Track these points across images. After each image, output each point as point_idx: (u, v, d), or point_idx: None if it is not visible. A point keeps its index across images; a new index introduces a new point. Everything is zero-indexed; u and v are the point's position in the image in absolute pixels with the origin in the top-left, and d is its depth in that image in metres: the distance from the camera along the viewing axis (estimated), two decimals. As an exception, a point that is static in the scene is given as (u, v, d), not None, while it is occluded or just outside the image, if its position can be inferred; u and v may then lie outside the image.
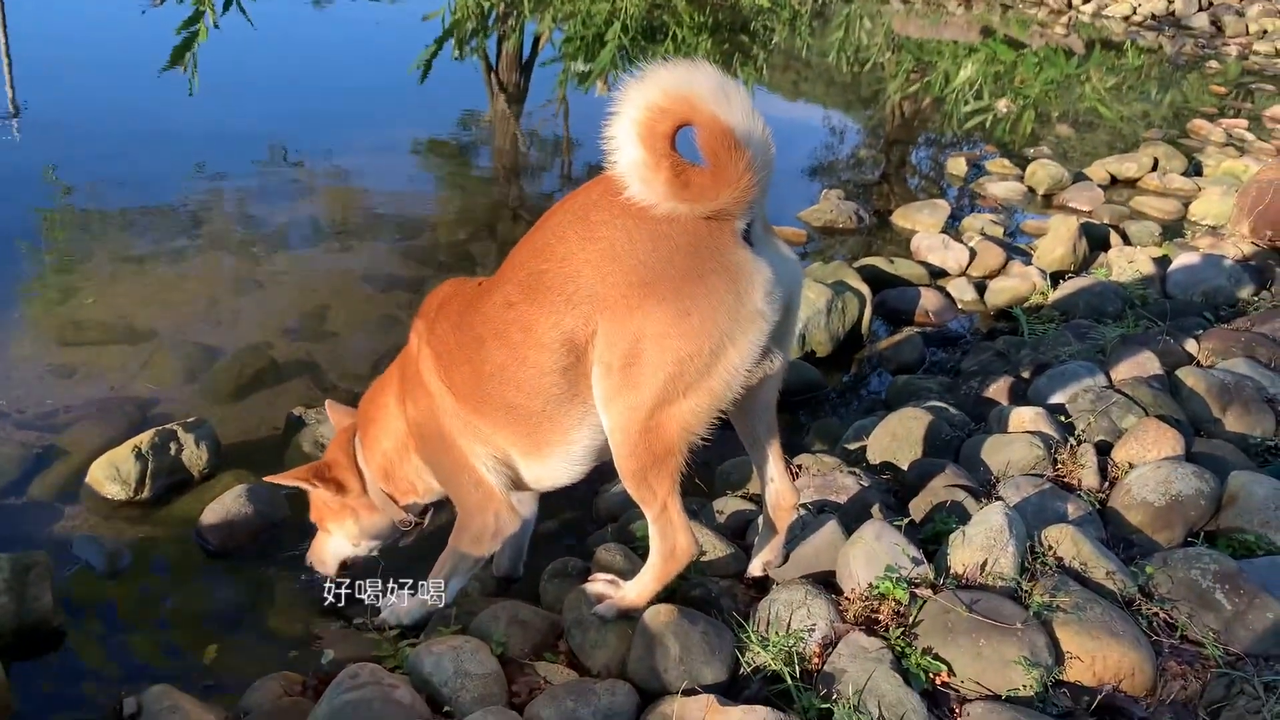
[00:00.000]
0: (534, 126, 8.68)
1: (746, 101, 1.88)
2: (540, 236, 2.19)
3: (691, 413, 2.07)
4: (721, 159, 1.88)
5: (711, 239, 1.99)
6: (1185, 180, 7.53)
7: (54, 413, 3.59)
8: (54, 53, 8.60)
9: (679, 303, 1.99)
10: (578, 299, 2.09)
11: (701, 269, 1.98)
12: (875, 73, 12.16)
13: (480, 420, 2.40)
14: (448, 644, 2.26)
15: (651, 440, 2.10)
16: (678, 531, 2.22)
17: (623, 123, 1.90)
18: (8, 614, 2.53)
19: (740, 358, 2.04)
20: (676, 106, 1.85)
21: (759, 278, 2.01)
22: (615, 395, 2.10)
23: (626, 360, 2.05)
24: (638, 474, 2.15)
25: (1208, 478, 2.77)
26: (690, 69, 1.86)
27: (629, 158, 1.92)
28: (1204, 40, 15.91)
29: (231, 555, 3.01)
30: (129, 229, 5.24)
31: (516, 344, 2.20)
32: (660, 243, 2.00)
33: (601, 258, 2.05)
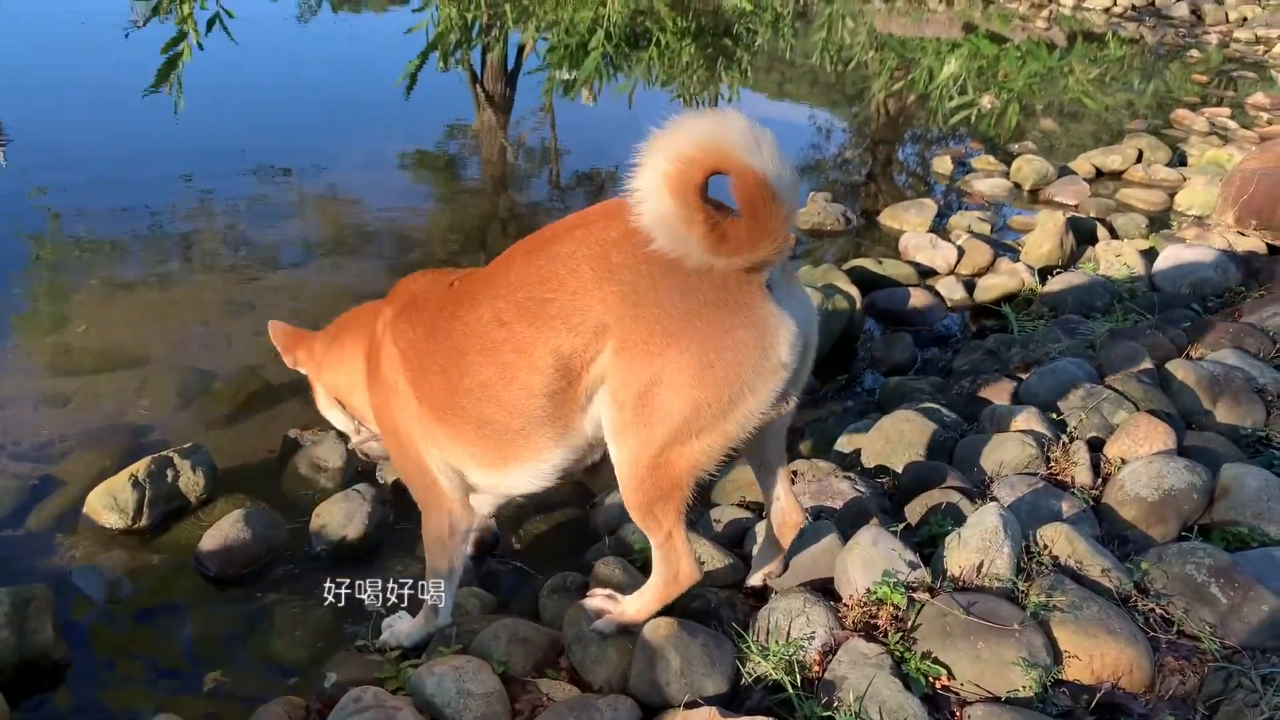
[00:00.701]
0: (521, 136, 8.70)
1: (776, 148, 1.83)
2: (547, 263, 2.12)
3: (703, 452, 2.08)
4: (760, 211, 1.82)
5: (739, 293, 1.95)
6: (1170, 171, 7.57)
7: (50, 443, 3.59)
8: (38, 76, 8.59)
9: (703, 355, 1.96)
10: (583, 329, 2.06)
11: (729, 323, 1.96)
12: (859, 71, 12.19)
13: (443, 430, 2.39)
14: (449, 664, 2.27)
15: (659, 476, 2.09)
16: (681, 558, 2.23)
17: (651, 174, 1.82)
18: (9, 648, 2.54)
19: (758, 404, 2.04)
20: (708, 157, 1.79)
21: (785, 332, 1.99)
22: (626, 430, 2.09)
23: (640, 400, 2.03)
24: (644, 506, 2.15)
25: (1200, 471, 2.79)
26: (721, 118, 1.80)
27: (658, 211, 1.84)
28: (1185, 29, 15.99)
29: (231, 580, 3.01)
30: (118, 253, 5.24)
31: (507, 364, 2.17)
32: (688, 296, 1.95)
33: (621, 301, 2.01)
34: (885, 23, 15.51)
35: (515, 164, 7.93)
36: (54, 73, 8.74)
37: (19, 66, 8.82)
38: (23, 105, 7.66)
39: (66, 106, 7.73)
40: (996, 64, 12.69)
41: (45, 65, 9.00)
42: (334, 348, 2.80)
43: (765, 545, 2.57)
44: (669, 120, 1.81)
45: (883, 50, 13.31)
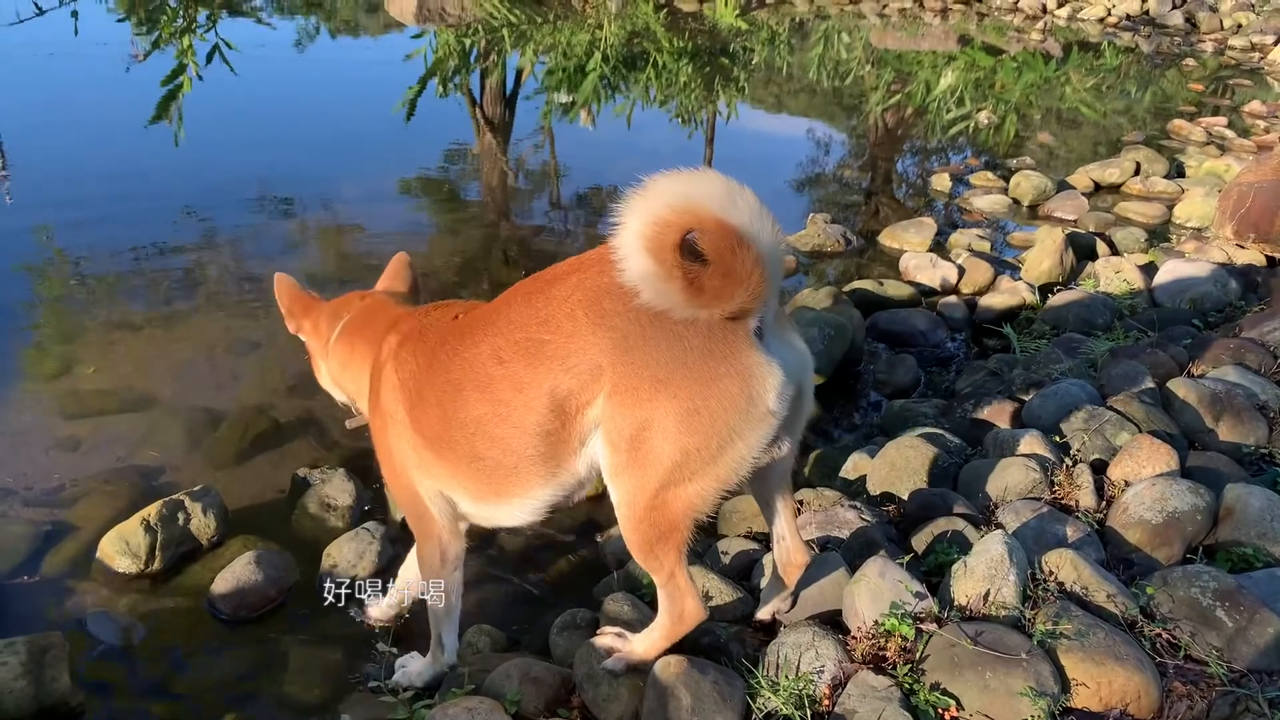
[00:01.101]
0: (521, 158, 8.75)
1: (754, 202, 1.86)
2: (544, 305, 2.16)
3: (698, 495, 2.11)
4: (727, 259, 1.86)
5: (725, 341, 1.99)
6: (1168, 183, 7.60)
7: (61, 487, 3.62)
8: (39, 110, 8.66)
9: (690, 402, 2.00)
10: (579, 370, 2.10)
11: (715, 372, 1.99)
12: (856, 85, 12.24)
13: (437, 461, 2.43)
14: (462, 705, 2.29)
15: (657, 517, 2.13)
16: (685, 597, 2.25)
17: (629, 236, 1.88)
18: (26, 697, 2.56)
19: (748, 450, 2.07)
20: (680, 218, 1.84)
21: (771, 380, 2.02)
22: (622, 472, 2.12)
23: (633, 443, 2.07)
24: (644, 546, 2.18)
25: (1203, 492, 2.81)
26: (694, 178, 1.85)
27: (638, 269, 1.90)
28: (1180, 38, 16.05)
29: (244, 622, 3.03)
30: (123, 291, 5.28)
31: (503, 401, 2.21)
32: (675, 343, 2.00)
33: (613, 347, 2.05)
34: (881, 37, 15.59)
35: (516, 187, 7.98)
36: (54, 107, 8.81)
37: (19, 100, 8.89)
38: (24, 139, 7.73)
39: (67, 141, 7.79)
40: (993, 76, 12.75)
41: (45, 99, 9.08)
42: (343, 346, 2.80)
43: (773, 580, 2.59)
44: (645, 181, 1.86)
45: (879, 64, 13.38)
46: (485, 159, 8.61)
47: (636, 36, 13.88)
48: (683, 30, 14.60)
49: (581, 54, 12.55)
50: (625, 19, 14.94)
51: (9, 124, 8.05)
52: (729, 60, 13.20)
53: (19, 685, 2.55)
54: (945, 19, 16.94)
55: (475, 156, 8.65)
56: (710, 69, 12.56)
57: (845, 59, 13.76)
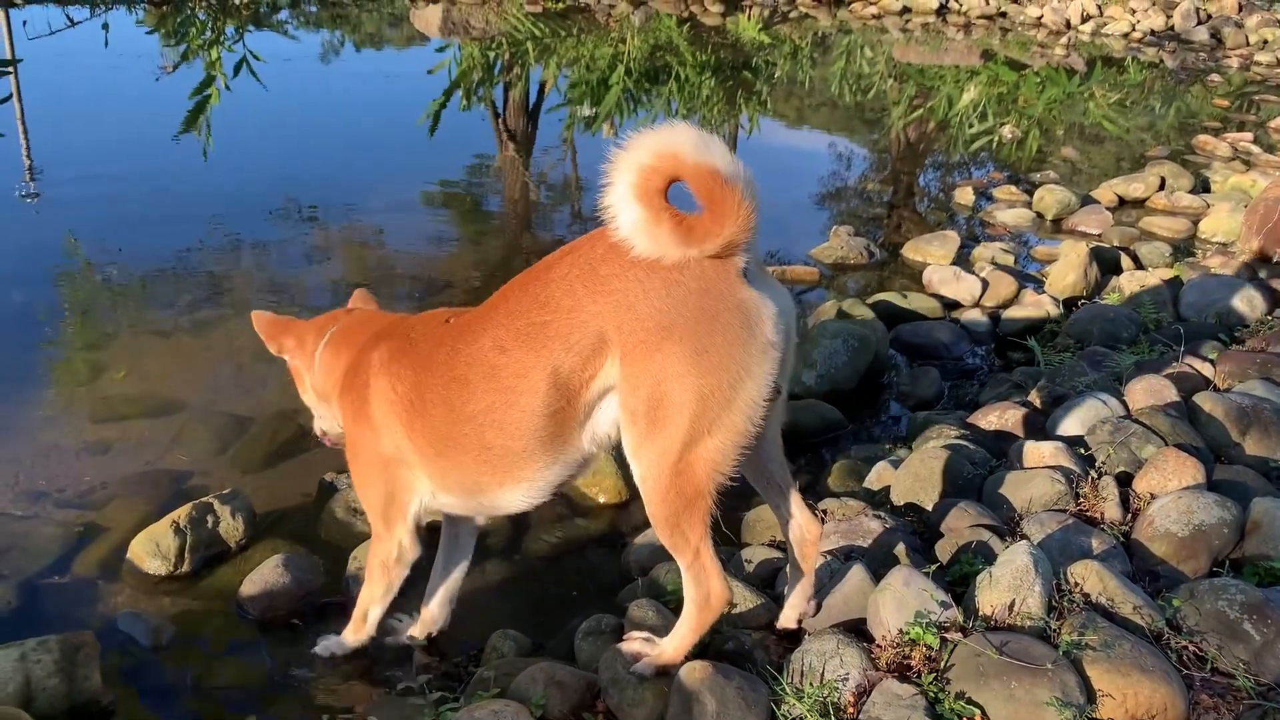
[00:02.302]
0: (543, 171, 8.80)
1: (725, 148, 2.06)
2: (542, 289, 2.27)
3: (718, 450, 2.17)
4: (716, 196, 2.04)
5: (719, 280, 2.12)
6: (1193, 198, 7.57)
7: (92, 490, 3.66)
8: (69, 121, 8.79)
9: (696, 341, 2.10)
10: (580, 347, 2.19)
11: (714, 309, 2.11)
12: (878, 100, 12.26)
13: (440, 462, 2.50)
14: (488, 708, 2.31)
15: (682, 483, 2.18)
16: (711, 578, 2.28)
17: (619, 188, 2.07)
18: (59, 695, 2.59)
19: (757, 390, 2.15)
20: (664, 164, 2.02)
21: (766, 311, 2.14)
22: (644, 441, 2.19)
23: (651, 404, 2.15)
24: (670, 519, 2.22)
25: (1230, 506, 2.80)
26: (670, 129, 2.04)
27: (630, 219, 2.08)
28: (1205, 53, 15.99)
29: (272, 624, 3.06)
30: (152, 299, 5.34)
31: (509, 388, 2.29)
32: (673, 289, 2.12)
33: (615, 309, 2.15)
34: (904, 51, 15.62)
35: (538, 199, 8.03)
36: (84, 117, 8.94)
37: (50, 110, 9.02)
38: (54, 149, 7.84)
39: (97, 151, 7.90)
40: (1016, 90, 12.74)
41: (75, 110, 9.21)
42: (330, 354, 2.84)
43: (791, 573, 2.62)
44: (627, 139, 2.06)
45: (902, 79, 13.39)
46: (507, 171, 8.67)
47: (659, 50, 13.96)
48: (705, 44, 14.67)
49: (605, 67, 12.63)
50: (648, 33, 15.03)
51: (39, 133, 8.18)
52: (751, 74, 13.25)
53: (52, 683, 2.58)
54: (968, 34, 16.95)
55: (498, 168, 8.71)
56: (732, 83, 12.60)
57: (867, 73, 13.78)
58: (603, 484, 3.71)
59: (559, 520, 3.59)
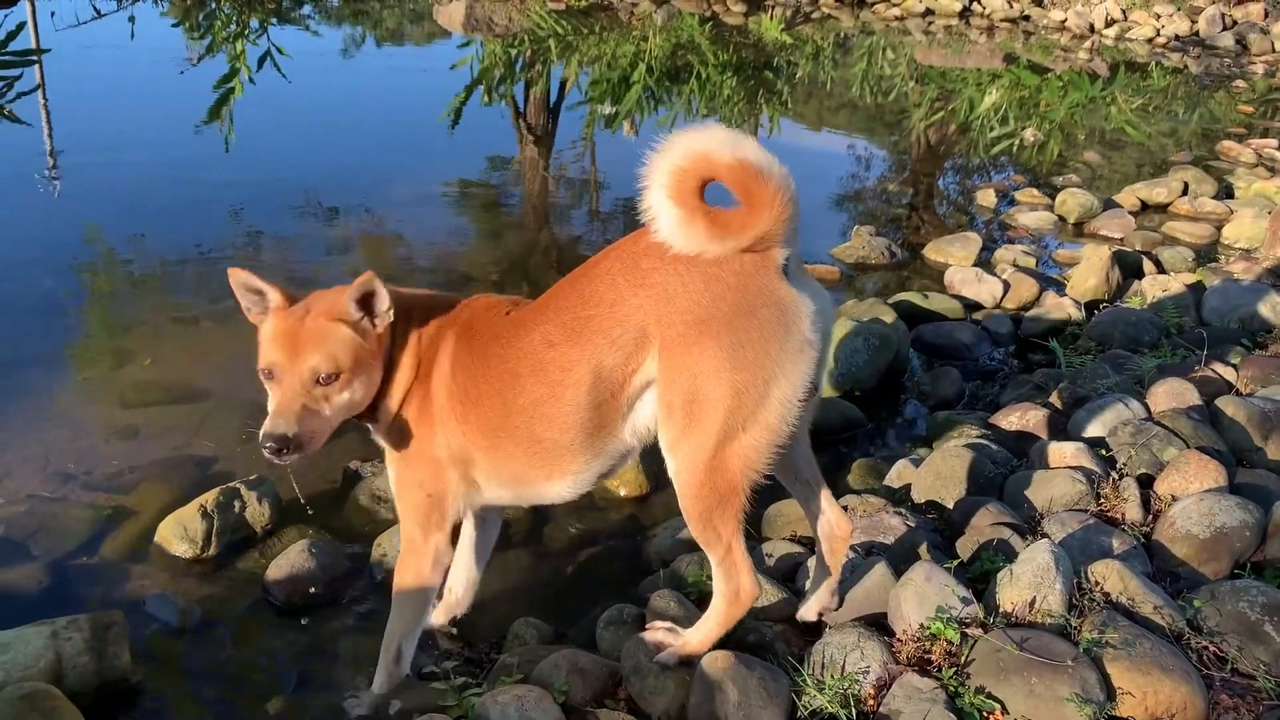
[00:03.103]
0: (562, 168, 8.83)
1: (757, 144, 2.10)
2: (587, 284, 2.31)
3: (753, 448, 2.19)
4: (751, 189, 2.09)
5: (758, 277, 2.14)
6: (1216, 203, 7.53)
7: (121, 474, 3.71)
8: (94, 111, 8.87)
9: (732, 336, 2.13)
10: (623, 341, 2.22)
11: (752, 304, 2.13)
12: (900, 102, 12.24)
13: (493, 453, 2.45)
14: (512, 693, 2.34)
15: (716, 480, 2.20)
16: (741, 574, 2.30)
17: (655, 190, 2.11)
18: (89, 672, 2.63)
19: (792, 388, 2.17)
20: (697, 164, 2.06)
21: (804, 309, 2.17)
22: (681, 436, 2.21)
23: (687, 398, 2.17)
24: (704, 515, 2.24)
25: (1252, 509, 2.81)
26: (702, 130, 2.08)
27: (668, 218, 2.11)
28: (1230, 59, 15.89)
29: (296, 608, 3.10)
30: (177, 288, 5.40)
31: (555, 381, 2.32)
32: (711, 283, 2.14)
33: (655, 301, 2.18)
34: (926, 54, 15.57)
35: (557, 196, 8.06)
36: (109, 108, 9.02)
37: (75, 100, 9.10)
38: (79, 139, 7.91)
39: (121, 141, 7.96)
40: (1038, 94, 12.69)
41: (100, 101, 9.29)
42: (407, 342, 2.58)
43: (817, 569, 2.63)
44: (661, 141, 2.10)
45: (923, 81, 13.36)
46: (527, 168, 8.70)
47: (681, 49, 13.97)
48: (727, 43, 14.67)
49: (626, 65, 12.64)
50: (670, 31, 15.04)
51: (64, 124, 8.25)
52: (772, 74, 13.24)
53: (82, 661, 2.63)
54: (991, 37, 16.89)
55: (518, 165, 8.75)
56: (754, 82, 12.60)
57: (889, 75, 13.75)
58: (624, 477, 3.73)
59: (581, 512, 3.61)
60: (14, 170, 7.15)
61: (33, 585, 3.14)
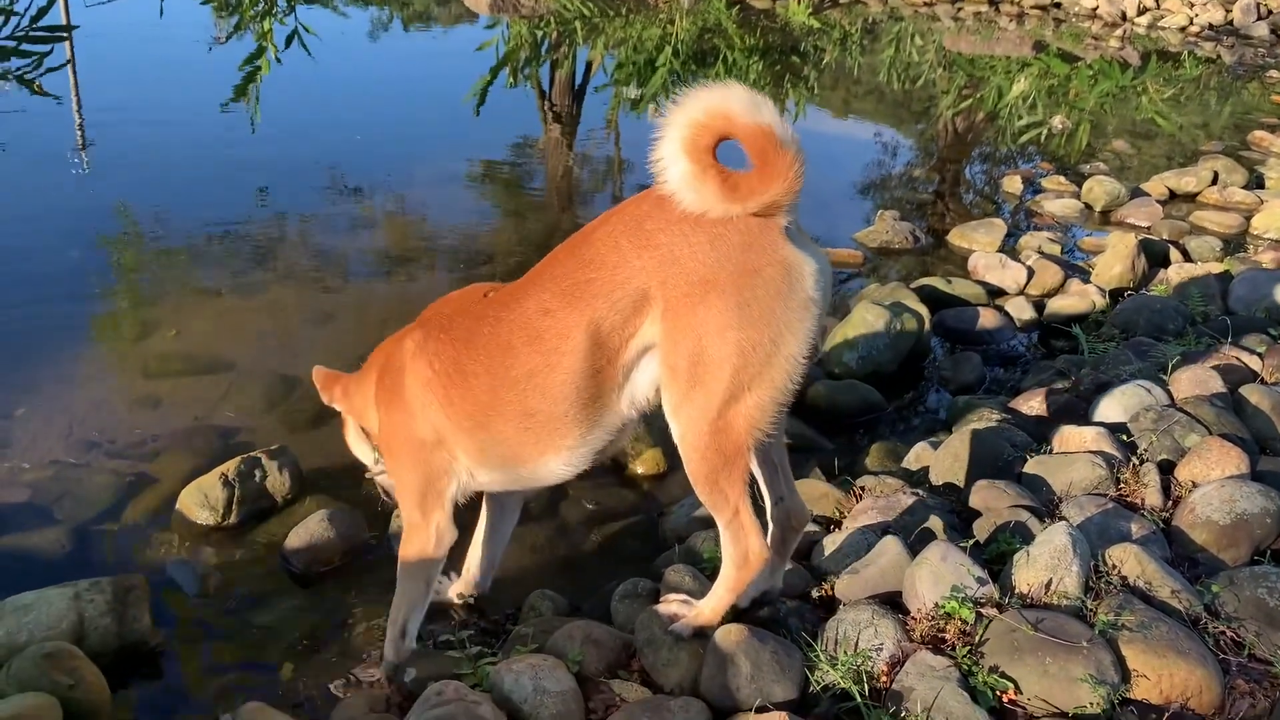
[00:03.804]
0: (587, 151, 8.82)
1: (775, 110, 2.09)
2: (587, 249, 2.31)
3: (757, 407, 2.19)
4: (768, 154, 2.08)
5: (763, 236, 2.15)
6: (1246, 193, 7.44)
7: (143, 442, 3.76)
8: (122, 88, 8.92)
9: (738, 295, 2.14)
10: (622, 304, 2.23)
11: (756, 263, 2.14)
12: (927, 89, 12.14)
13: (481, 435, 2.49)
14: (526, 662, 2.35)
15: (721, 441, 2.20)
16: (750, 535, 2.30)
17: (669, 143, 2.10)
18: (110, 634, 2.68)
19: (798, 345, 2.18)
20: (715, 121, 2.05)
21: (808, 269, 2.18)
22: (684, 398, 2.21)
23: (693, 359, 2.17)
24: (709, 477, 2.24)
25: (1274, 496, 2.78)
26: (724, 88, 2.07)
27: (679, 172, 2.11)
28: (1265, 49, 15.66)
29: (315, 577, 3.14)
30: (202, 262, 5.44)
31: (551, 349, 2.32)
32: (717, 243, 2.15)
33: (660, 263, 2.19)
34: (954, 41, 15.42)
35: (581, 179, 8.05)
36: (136, 86, 9.07)
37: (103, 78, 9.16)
38: (106, 116, 7.96)
39: (148, 118, 8.00)
40: (1067, 83, 12.56)
41: (128, 78, 9.35)
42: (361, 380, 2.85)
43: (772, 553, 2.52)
44: (682, 95, 2.09)
45: (951, 68, 13.25)
46: (552, 150, 8.70)
47: (708, 33, 13.90)
48: (754, 27, 14.59)
49: (652, 49, 12.60)
50: (697, 15, 14.97)
51: (92, 101, 8.31)
52: (799, 59, 13.17)
53: (104, 622, 2.67)
54: (1021, 24, 16.71)
55: (542, 147, 8.74)
56: (780, 67, 12.53)
57: (916, 62, 13.64)
58: (641, 455, 3.75)
59: (598, 489, 3.63)
60: (44, 144, 7.21)
61: (56, 549, 3.19)
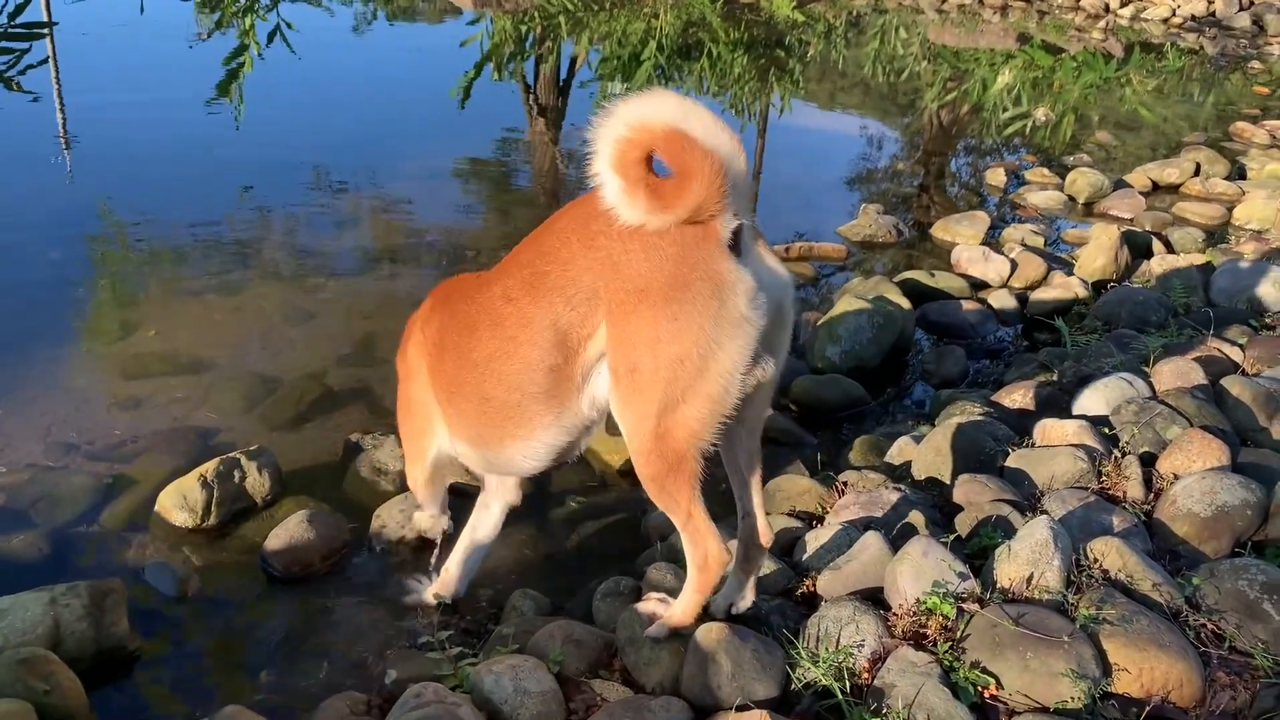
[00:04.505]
0: (572, 146, 8.79)
1: (706, 114, 2.02)
2: (546, 239, 2.33)
3: (695, 419, 2.15)
4: (680, 157, 2.00)
5: (697, 249, 2.09)
6: (1228, 184, 7.47)
7: (122, 443, 3.72)
8: (104, 85, 8.85)
9: (667, 308, 2.09)
10: (577, 301, 2.22)
11: (688, 277, 2.09)
12: (912, 81, 12.15)
13: (449, 410, 2.62)
14: (506, 663, 2.34)
15: (663, 447, 2.17)
16: (707, 539, 2.26)
17: (600, 159, 2.06)
18: (87, 639, 2.65)
19: (730, 361, 2.11)
20: (639, 135, 2.00)
21: (741, 285, 2.10)
22: (625, 403, 2.20)
23: (630, 365, 2.16)
24: (656, 480, 2.22)
25: (1254, 488, 2.78)
26: (648, 98, 2.01)
27: (612, 188, 2.07)
28: (1246, 40, 15.72)
29: (295, 579, 3.11)
30: (183, 261, 5.40)
31: (510, 336, 2.34)
32: (651, 252, 2.11)
33: (602, 265, 2.17)
34: (939, 33, 15.44)
35: (566, 174, 8.03)
36: (118, 83, 8.99)
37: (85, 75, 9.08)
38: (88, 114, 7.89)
39: (131, 115, 7.94)
40: (1051, 75, 12.58)
41: (110, 75, 9.27)
42: None
43: (735, 567, 2.50)
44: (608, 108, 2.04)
45: (936, 61, 13.25)
46: (537, 145, 8.67)
47: (692, 26, 13.88)
48: (739, 21, 14.57)
49: (636, 43, 12.57)
50: (681, 8, 14.94)
51: (74, 99, 8.24)
52: (784, 53, 13.15)
53: (80, 627, 2.64)
54: (1005, 16, 16.74)
55: (527, 142, 8.71)
56: (765, 61, 12.52)
57: (901, 55, 13.65)
58: (623, 453, 3.72)
59: (581, 487, 3.63)
60: (25, 143, 7.15)
61: (33, 553, 3.16)
